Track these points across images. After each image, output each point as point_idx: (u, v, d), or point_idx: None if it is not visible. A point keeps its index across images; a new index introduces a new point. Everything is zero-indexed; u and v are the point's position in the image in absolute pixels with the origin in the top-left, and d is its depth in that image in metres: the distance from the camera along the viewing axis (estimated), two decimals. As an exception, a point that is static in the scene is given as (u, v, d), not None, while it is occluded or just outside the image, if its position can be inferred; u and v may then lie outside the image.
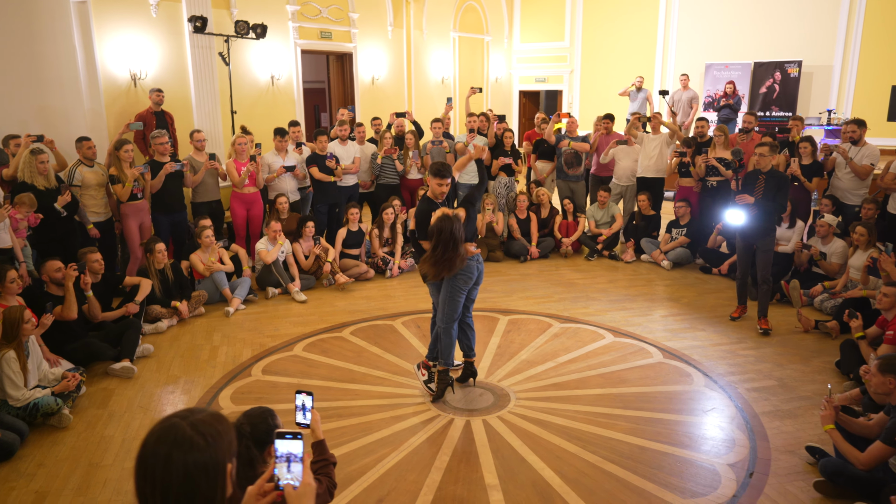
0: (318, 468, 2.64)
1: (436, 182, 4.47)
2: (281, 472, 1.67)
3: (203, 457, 1.39)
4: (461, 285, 4.42)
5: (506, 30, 15.89)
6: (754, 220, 5.54)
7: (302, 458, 1.68)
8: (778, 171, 5.73)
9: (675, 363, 5.13)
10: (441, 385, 4.48)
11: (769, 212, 5.52)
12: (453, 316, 4.45)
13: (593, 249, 8.17)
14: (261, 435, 2.31)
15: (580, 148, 8.55)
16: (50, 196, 5.74)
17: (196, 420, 1.43)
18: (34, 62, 7.25)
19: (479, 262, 4.56)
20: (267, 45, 9.76)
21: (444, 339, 4.46)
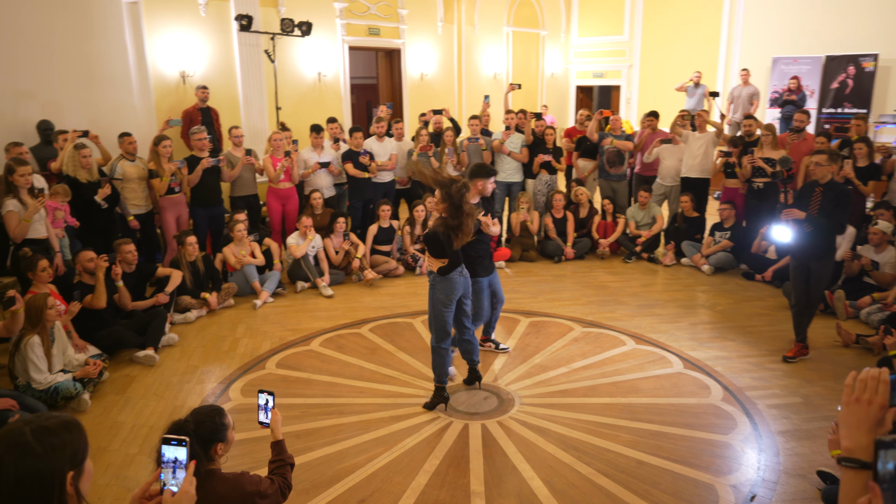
0: (274, 468, 2.67)
1: (489, 182, 4.72)
2: (166, 477, 1.68)
3: (37, 464, 1.41)
4: (442, 299, 4.28)
5: (563, 24, 15.60)
6: (807, 239, 4.88)
7: (186, 465, 1.69)
8: (838, 184, 4.97)
9: (694, 374, 4.91)
10: (436, 399, 4.44)
11: (825, 231, 4.81)
12: (442, 334, 4.34)
13: (631, 251, 7.94)
14: (206, 434, 2.35)
15: (623, 146, 8.30)
16: (92, 189, 6.03)
17: (40, 426, 1.46)
18: (88, 60, 7.61)
19: (467, 277, 4.40)
20: (314, 42, 9.94)
21: (435, 358, 4.40)
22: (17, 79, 7.05)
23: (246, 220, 6.80)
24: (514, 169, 8.26)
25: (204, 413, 2.41)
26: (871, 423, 1.34)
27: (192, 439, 2.29)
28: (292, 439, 4.06)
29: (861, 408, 1.36)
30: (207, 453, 2.36)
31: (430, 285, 4.36)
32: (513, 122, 8.18)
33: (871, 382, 1.37)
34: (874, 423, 1.34)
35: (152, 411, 4.43)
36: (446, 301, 4.28)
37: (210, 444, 2.36)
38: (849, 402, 1.38)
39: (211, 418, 2.39)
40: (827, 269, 4.94)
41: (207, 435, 2.35)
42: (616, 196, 8.51)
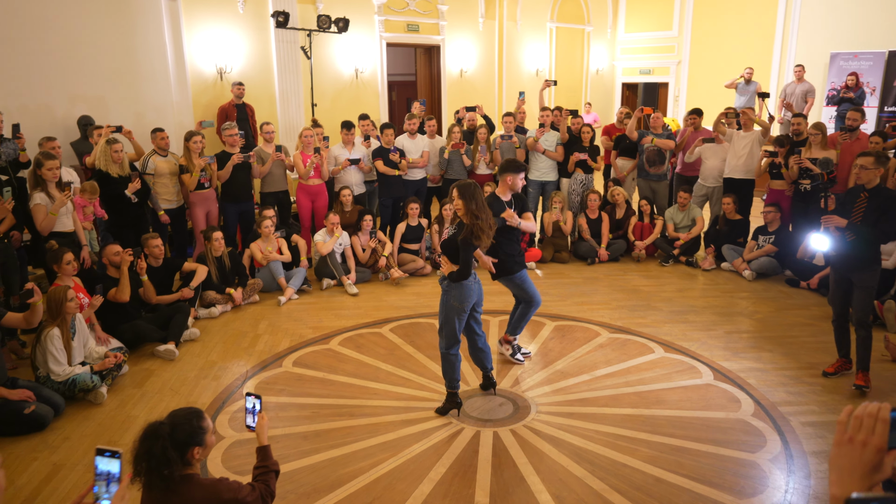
0: (258, 475, 2.59)
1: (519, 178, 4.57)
2: (100, 489, 1.60)
3: None
4: (456, 306, 4.14)
5: (609, 19, 15.22)
6: (849, 249, 4.47)
7: (120, 478, 1.60)
8: (887, 190, 4.54)
9: (724, 386, 4.65)
10: (447, 405, 4.31)
11: (869, 240, 4.40)
12: (452, 340, 4.21)
13: (669, 254, 7.63)
14: (182, 437, 2.28)
15: (664, 145, 7.99)
16: (122, 183, 6.11)
17: None
18: (128, 57, 7.76)
19: (479, 283, 4.31)
20: (351, 39, 9.92)
21: (445, 365, 4.28)
22: (63, 75, 7.25)
23: (274, 216, 6.80)
24: (549, 168, 8.05)
25: (181, 416, 2.34)
26: (865, 469, 1.15)
27: (167, 442, 2.24)
28: (299, 440, 4.00)
29: (854, 450, 1.17)
30: (184, 457, 2.30)
31: (443, 291, 4.23)
32: (548, 120, 7.97)
33: (867, 420, 1.18)
34: (869, 469, 1.15)
35: (166, 406, 4.43)
36: (459, 308, 4.15)
37: (186, 448, 2.30)
38: (840, 443, 1.19)
39: (188, 421, 2.33)
40: (870, 282, 4.49)
41: (184, 438, 2.29)
42: (655, 197, 8.21)
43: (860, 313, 4.52)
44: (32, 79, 7.12)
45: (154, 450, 2.19)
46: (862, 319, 4.51)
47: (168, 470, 2.21)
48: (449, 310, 4.17)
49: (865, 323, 4.51)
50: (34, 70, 7.10)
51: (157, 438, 2.21)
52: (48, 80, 7.19)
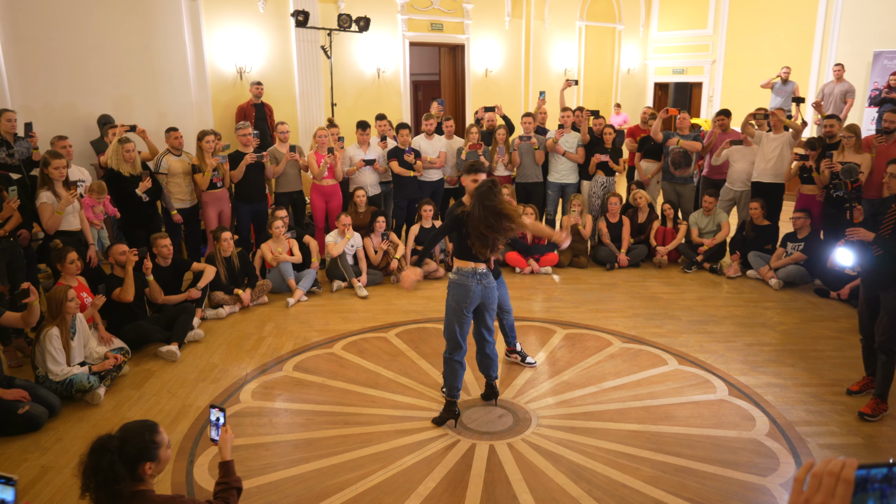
0: (218, 491, 2.49)
1: (471, 178, 4.18)
2: None
3: None
4: (453, 306, 3.99)
5: (642, 17, 14.87)
6: (876, 264, 4.11)
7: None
8: None
9: (739, 402, 4.40)
10: (445, 415, 4.16)
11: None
12: (453, 344, 4.06)
13: (692, 260, 7.35)
14: (132, 452, 2.19)
15: (690, 147, 7.71)
16: (133, 182, 6.12)
17: None
18: (149, 56, 7.81)
19: (487, 286, 4.03)
20: (373, 38, 9.84)
21: (446, 370, 4.13)
22: (86, 74, 7.35)
23: (286, 216, 6.75)
24: (569, 169, 7.84)
25: (133, 430, 2.25)
26: None
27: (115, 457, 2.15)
28: (290, 448, 3.91)
29: None
30: (134, 473, 2.20)
31: (447, 290, 4.08)
32: (568, 121, 7.76)
33: (827, 480, 1.00)
34: None
35: (161, 409, 4.39)
36: (456, 309, 3.99)
37: (137, 463, 2.20)
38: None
39: (140, 435, 2.23)
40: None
41: (134, 453, 2.19)
42: (681, 200, 7.94)
43: (883, 336, 4.12)
44: (56, 78, 7.22)
45: (101, 464, 2.10)
46: (884, 343, 4.12)
47: (116, 486, 2.12)
48: (448, 310, 4.03)
49: (888, 348, 4.12)
50: (58, 69, 7.20)
51: (104, 453, 2.12)
52: (71, 80, 7.29)
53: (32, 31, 6.94)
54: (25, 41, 6.92)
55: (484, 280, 4.04)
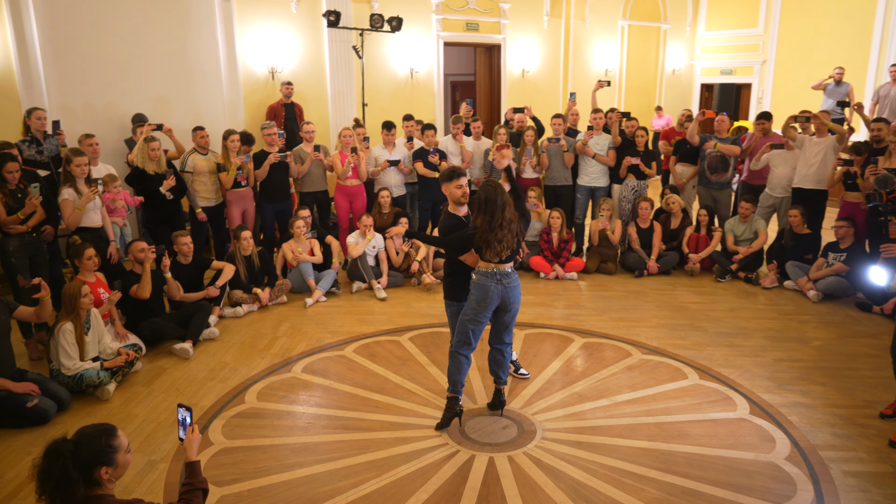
0: (183, 492, 2.44)
1: (454, 185, 4.02)
2: None
3: None
4: (472, 305, 3.91)
5: (689, 16, 14.43)
6: None
7: None
8: None
9: (760, 422, 4.15)
10: (447, 414, 4.05)
11: None
12: (462, 340, 3.98)
13: (726, 269, 7.04)
14: (86, 456, 2.15)
15: (729, 151, 7.39)
16: (158, 180, 6.20)
17: None
18: (182, 56, 7.94)
19: (507, 286, 3.90)
20: (406, 38, 9.79)
21: (451, 364, 4.03)
22: (122, 74, 7.51)
23: (308, 216, 6.74)
24: (599, 173, 7.62)
25: (88, 434, 2.21)
26: None
27: (68, 461, 2.12)
28: (286, 452, 3.86)
29: None
30: (90, 477, 2.16)
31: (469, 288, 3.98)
32: (599, 122, 7.54)
33: None
34: None
35: (166, 407, 4.41)
36: (476, 308, 3.90)
37: (91, 468, 2.16)
38: None
39: (95, 440, 2.20)
40: None
41: (88, 458, 2.16)
42: (717, 206, 7.62)
43: None
44: (92, 78, 7.40)
45: (53, 469, 2.07)
46: None
47: (69, 491, 2.08)
48: (465, 306, 3.96)
49: None
50: (94, 70, 7.37)
51: (56, 457, 2.09)
52: (107, 80, 7.46)
53: (70, 33, 7.13)
54: (63, 42, 7.10)
55: (504, 280, 3.91)
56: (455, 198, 4.05)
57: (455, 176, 4.03)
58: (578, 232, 7.88)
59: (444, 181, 4.09)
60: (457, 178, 4.02)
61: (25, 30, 6.81)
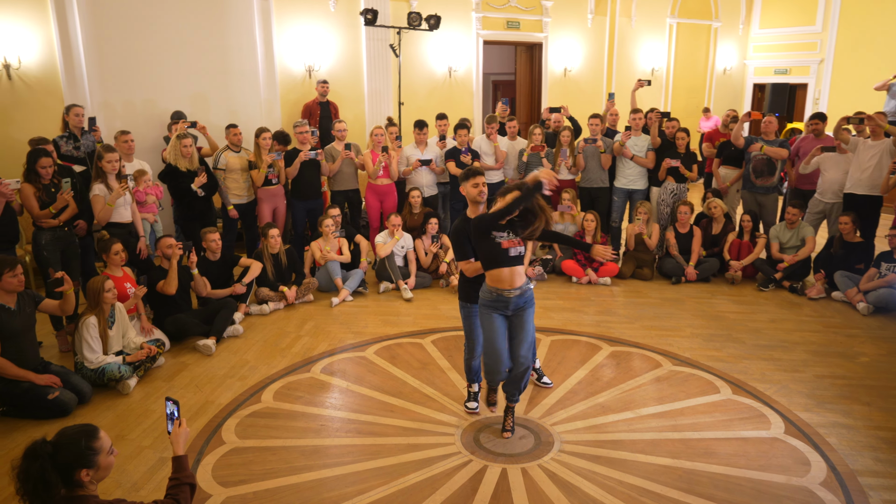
0: (170, 487, 2.39)
1: (470, 184, 3.90)
2: None
3: None
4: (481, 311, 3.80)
5: (742, 13, 13.91)
6: None
7: None
8: None
9: (795, 443, 3.90)
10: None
11: None
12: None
13: (770, 278, 6.70)
14: (66, 458, 2.11)
15: (776, 154, 7.04)
16: (190, 177, 6.25)
17: None
18: (221, 54, 8.02)
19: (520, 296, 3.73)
20: (445, 36, 9.69)
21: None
22: (161, 72, 7.62)
23: (338, 215, 6.71)
24: (637, 175, 7.37)
25: (68, 435, 2.18)
26: None
27: (46, 463, 2.08)
28: (296, 455, 3.80)
29: None
30: (70, 479, 2.13)
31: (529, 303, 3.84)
32: (638, 123, 7.29)
33: None
34: None
35: (184, 404, 4.41)
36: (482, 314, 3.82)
37: (71, 470, 2.12)
38: None
39: (75, 442, 2.16)
40: None
41: (68, 460, 2.12)
42: (762, 211, 7.28)
43: None
44: (133, 75, 7.53)
45: (31, 471, 2.04)
46: None
47: (47, 493, 2.05)
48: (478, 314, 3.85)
49: None
50: (135, 67, 7.51)
51: (34, 459, 2.06)
52: (148, 77, 7.58)
53: (112, 31, 7.27)
54: (105, 40, 7.25)
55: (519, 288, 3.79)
56: (471, 196, 3.94)
57: (472, 174, 3.91)
58: (615, 236, 7.64)
59: (461, 180, 3.99)
60: (473, 176, 3.90)
61: (69, 28, 6.98)
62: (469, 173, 3.94)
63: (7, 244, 4.86)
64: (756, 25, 14.15)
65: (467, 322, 4.14)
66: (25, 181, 4.93)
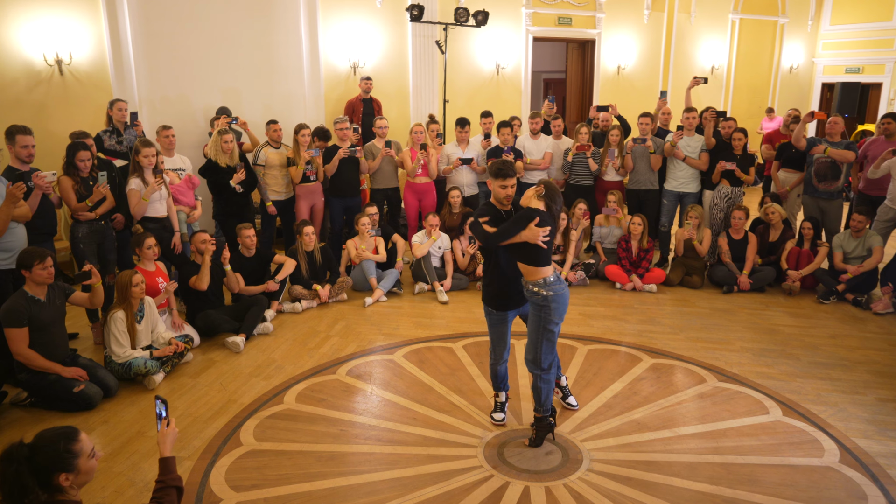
0: (155, 490, 2.29)
1: (498, 184, 3.68)
2: None
3: None
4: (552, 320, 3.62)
5: (811, 9, 13.17)
6: None
7: None
8: None
9: (851, 473, 3.54)
10: (540, 433, 3.83)
11: None
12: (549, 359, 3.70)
13: (831, 289, 6.24)
14: (43, 462, 2.02)
15: (841, 157, 6.56)
16: (229, 173, 6.24)
17: None
18: (266, 51, 8.04)
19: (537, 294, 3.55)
20: (493, 33, 9.49)
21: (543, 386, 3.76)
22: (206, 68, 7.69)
23: (375, 213, 6.60)
24: (689, 177, 7.00)
25: (46, 438, 2.09)
26: None
27: (23, 466, 1.99)
28: (312, 460, 3.68)
29: None
30: (49, 483, 2.03)
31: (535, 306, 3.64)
32: (692, 123, 6.92)
33: None
34: None
35: (206, 402, 4.36)
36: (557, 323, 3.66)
37: (49, 474, 2.03)
38: None
39: (53, 445, 2.06)
40: None
41: (45, 463, 2.03)
42: (825, 218, 6.80)
43: None
44: (181, 71, 7.62)
45: (7, 475, 1.96)
46: None
47: (24, 497, 1.96)
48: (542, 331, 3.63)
49: None
50: (183, 63, 7.59)
51: (10, 462, 1.97)
52: (195, 73, 7.67)
53: (160, 27, 7.36)
54: (153, 36, 7.35)
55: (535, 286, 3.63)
56: (498, 197, 3.72)
57: (502, 174, 3.66)
58: (663, 241, 7.29)
59: (491, 174, 3.72)
60: (504, 177, 3.65)
61: (119, 23, 7.10)
62: (500, 171, 3.65)
63: (45, 236, 4.91)
64: (826, 21, 13.39)
65: (495, 330, 3.94)
66: (64, 174, 4.98)
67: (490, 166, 3.74)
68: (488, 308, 3.92)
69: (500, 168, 3.64)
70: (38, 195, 4.63)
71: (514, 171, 3.70)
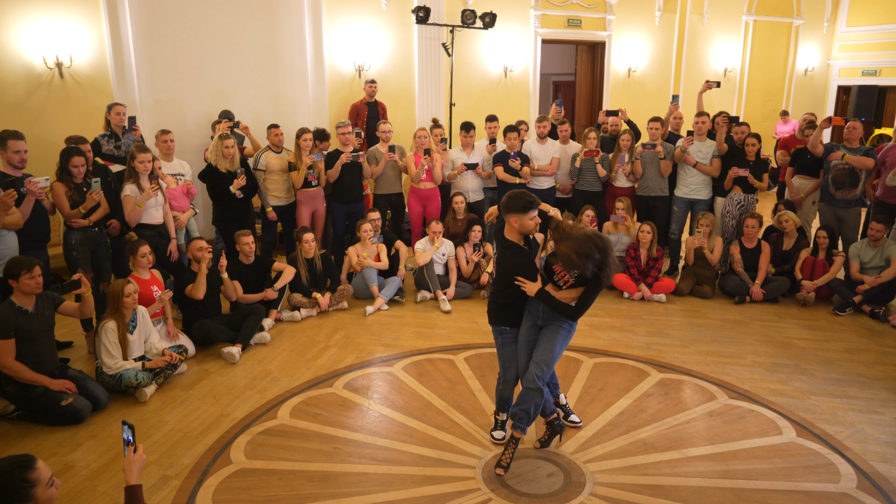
0: None
1: (528, 217, 3.45)
2: None
3: None
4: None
5: (827, 10, 12.93)
6: None
7: None
8: None
9: (869, 501, 3.36)
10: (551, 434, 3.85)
11: None
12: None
13: (848, 301, 6.03)
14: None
15: (859, 164, 6.36)
16: (229, 179, 6.12)
17: None
18: (270, 54, 7.95)
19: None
20: (501, 35, 9.34)
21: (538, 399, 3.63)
22: (207, 71, 7.60)
23: (378, 219, 6.47)
24: (701, 184, 6.81)
25: (1, 468, 1.95)
26: None
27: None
28: (303, 481, 3.54)
29: None
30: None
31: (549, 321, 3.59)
32: (703, 127, 6.73)
33: None
34: None
35: (198, 416, 4.23)
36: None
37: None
38: None
39: (7, 474, 1.94)
40: None
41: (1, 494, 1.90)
42: (841, 227, 6.60)
43: None
44: (183, 74, 7.54)
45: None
46: None
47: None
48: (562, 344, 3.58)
49: None
50: (185, 66, 7.51)
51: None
52: (197, 76, 7.59)
53: (162, 30, 7.27)
54: (155, 39, 7.26)
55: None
56: (527, 230, 3.51)
57: (529, 206, 3.42)
58: (674, 249, 7.11)
59: (514, 211, 3.45)
60: (531, 209, 3.43)
61: (121, 26, 7.02)
62: (531, 205, 3.43)
63: (38, 243, 4.81)
64: (843, 23, 13.13)
65: (504, 350, 3.78)
66: (58, 180, 4.88)
67: (513, 202, 3.46)
68: (497, 327, 3.74)
69: (530, 202, 3.43)
70: (31, 202, 4.54)
71: (538, 202, 3.50)
